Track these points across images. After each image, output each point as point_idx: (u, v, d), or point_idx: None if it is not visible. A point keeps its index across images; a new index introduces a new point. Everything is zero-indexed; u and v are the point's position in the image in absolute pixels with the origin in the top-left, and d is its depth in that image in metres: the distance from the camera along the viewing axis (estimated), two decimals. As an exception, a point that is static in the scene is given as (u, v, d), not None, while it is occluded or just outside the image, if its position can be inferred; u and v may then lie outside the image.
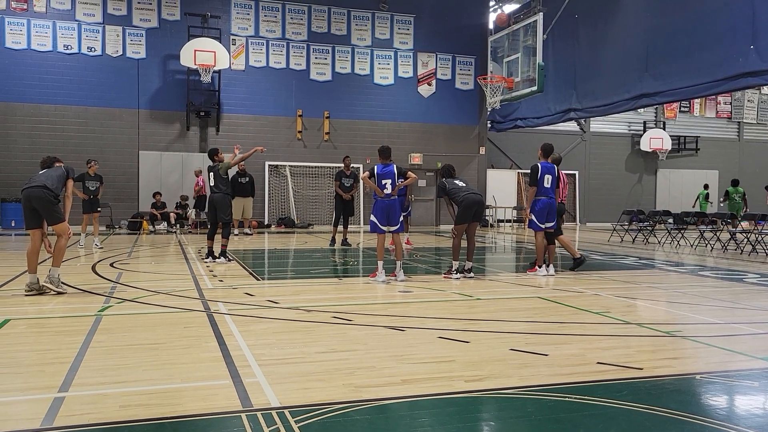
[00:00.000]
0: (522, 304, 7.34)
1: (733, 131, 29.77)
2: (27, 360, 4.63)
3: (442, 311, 6.77)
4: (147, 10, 20.39)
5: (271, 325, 5.94)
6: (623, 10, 17.73)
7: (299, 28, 21.87)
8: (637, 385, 4.16)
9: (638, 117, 27.82)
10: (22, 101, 19.29)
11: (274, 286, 8.73)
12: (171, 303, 6.95)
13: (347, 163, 14.55)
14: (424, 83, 23.12)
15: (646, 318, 6.65)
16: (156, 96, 20.52)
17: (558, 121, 21.92)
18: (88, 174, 13.74)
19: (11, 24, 19.15)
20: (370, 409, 3.66)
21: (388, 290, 8.22)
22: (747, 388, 4.21)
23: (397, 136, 22.44)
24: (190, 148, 20.88)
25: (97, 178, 13.82)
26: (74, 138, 19.70)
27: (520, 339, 5.45)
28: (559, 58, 20.37)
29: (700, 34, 14.92)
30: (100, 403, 3.69)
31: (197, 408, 3.62)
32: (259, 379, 4.16)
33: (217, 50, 19.65)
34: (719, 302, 7.49)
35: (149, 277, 9.25)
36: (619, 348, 5.18)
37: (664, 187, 28.33)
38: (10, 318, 6.04)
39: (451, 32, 23.41)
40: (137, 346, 5.05)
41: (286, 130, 21.84)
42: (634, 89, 17.20)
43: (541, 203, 9.68)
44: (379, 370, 4.42)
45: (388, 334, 5.59)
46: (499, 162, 25.85)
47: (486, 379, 4.24)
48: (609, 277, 9.77)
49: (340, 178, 14.38)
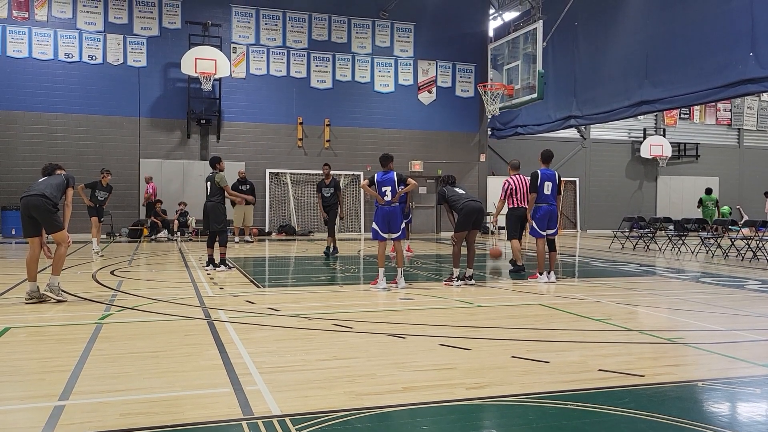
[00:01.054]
0: (523, 311, 7.33)
1: (733, 138, 29.80)
2: (27, 368, 4.62)
3: (443, 318, 6.76)
4: (148, 19, 20.46)
5: (272, 332, 5.93)
6: (623, 17, 17.77)
7: (300, 36, 21.95)
8: (639, 392, 4.15)
9: (638, 124, 27.85)
10: (24, 109, 19.34)
11: (274, 293, 8.72)
12: (172, 311, 6.95)
13: (326, 172, 13.76)
14: (425, 91, 23.19)
15: (647, 325, 6.64)
16: (157, 104, 20.57)
17: (558, 129, 21.92)
18: (100, 183, 13.86)
19: (12, 33, 19.22)
20: (371, 416, 3.65)
21: (388, 297, 8.21)
22: (749, 395, 4.20)
23: (397, 144, 22.48)
24: (190, 156, 20.91)
25: (108, 189, 13.99)
26: (75, 146, 19.74)
27: (522, 346, 5.44)
28: (559, 65, 20.40)
29: (699, 41, 14.94)
30: (100, 411, 3.68)
31: (198, 416, 3.61)
32: (259, 386, 4.15)
33: (217, 58, 19.72)
34: (720, 309, 7.48)
35: (150, 284, 9.25)
36: (621, 355, 5.17)
37: (664, 193, 28.33)
38: (10, 326, 6.03)
39: (451, 40, 23.48)
40: (138, 354, 5.04)
41: (286, 137, 21.88)
42: (634, 96, 17.21)
43: (542, 210, 9.68)
44: (380, 378, 4.41)
45: (389, 341, 5.58)
46: (499, 169, 25.84)
47: (487, 387, 4.23)
48: (610, 284, 9.76)
49: (321, 189, 13.65)
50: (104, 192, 13.86)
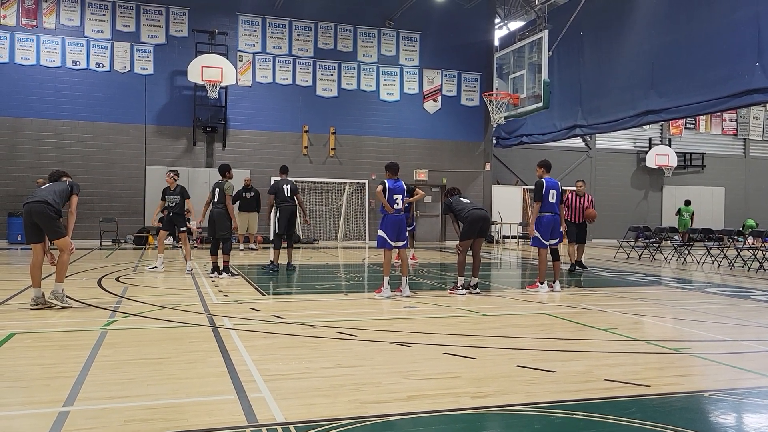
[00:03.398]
0: (528, 320, 7.31)
1: (739, 148, 29.74)
2: (32, 374, 4.62)
3: (448, 327, 6.74)
4: (155, 27, 20.57)
5: (276, 340, 5.92)
6: (629, 27, 17.79)
7: (306, 45, 22.03)
8: (645, 403, 4.12)
9: (644, 134, 27.83)
10: (31, 116, 19.44)
11: (279, 301, 8.72)
12: (176, 318, 6.95)
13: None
14: (430, 99, 23.23)
15: (653, 335, 6.61)
16: (163, 111, 20.65)
17: (563, 138, 21.93)
18: (168, 188, 12.00)
19: (21, 40, 19.35)
20: (376, 425, 3.64)
21: (393, 306, 8.19)
22: (756, 406, 4.17)
23: (402, 152, 22.48)
24: (196, 163, 20.97)
25: (180, 193, 11.85)
26: (81, 153, 19.82)
27: (527, 355, 5.41)
28: (565, 74, 20.43)
29: (705, 52, 14.94)
30: (104, 417, 3.68)
31: (202, 423, 3.60)
32: (264, 394, 4.14)
33: (224, 66, 19.80)
34: (727, 319, 7.44)
35: (154, 291, 9.25)
36: (627, 365, 5.14)
37: (670, 203, 28.24)
38: (15, 332, 6.04)
39: (456, 49, 23.53)
40: (142, 360, 5.04)
41: (292, 145, 21.92)
42: (640, 106, 17.21)
43: (546, 219, 9.65)
44: (385, 386, 4.39)
45: (394, 349, 5.57)
46: (504, 178, 25.85)
47: (492, 396, 4.21)
48: (615, 293, 9.72)
49: None
50: (174, 196, 11.83)
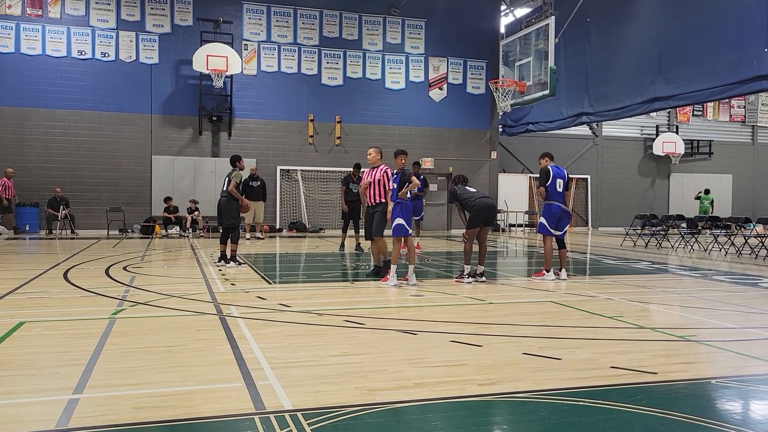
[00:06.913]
0: (534, 308, 7.32)
1: (747, 135, 29.55)
2: (42, 362, 4.66)
3: (454, 315, 6.75)
4: (160, 16, 20.55)
5: (284, 328, 5.95)
6: (636, 13, 17.65)
7: (311, 33, 21.96)
8: (652, 390, 4.12)
9: (651, 121, 27.67)
10: (37, 106, 19.49)
11: (285, 289, 8.75)
12: (184, 306, 6.98)
13: (355, 172, 14.21)
14: (436, 87, 23.15)
15: (659, 322, 6.61)
16: (169, 101, 20.66)
17: (570, 125, 21.83)
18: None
19: (26, 30, 19.36)
20: (383, 412, 3.66)
21: (399, 294, 8.21)
22: (763, 392, 4.17)
23: (408, 141, 22.44)
24: (202, 152, 21.00)
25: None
26: (88, 143, 19.88)
27: (533, 343, 5.42)
28: (571, 61, 20.30)
29: (713, 38, 14.82)
30: (113, 404, 3.71)
31: (210, 410, 3.63)
32: (271, 381, 4.16)
33: (229, 55, 19.78)
34: (734, 307, 7.43)
35: (162, 280, 9.30)
36: (633, 352, 5.14)
37: (677, 191, 28.15)
38: (25, 320, 6.09)
39: (462, 36, 23.41)
40: (151, 348, 5.08)
41: (297, 134, 21.91)
42: (647, 93, 17.09)
43: (555, 208, 9.64)
44: (392, 374, 4.41)
45: (400, 337, 5.59)
46: (510, 166, 25.79)
47: (499, 383, 4.23)
48: (622, 281, 9.71)
49: (347, 183, 14.09)
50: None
